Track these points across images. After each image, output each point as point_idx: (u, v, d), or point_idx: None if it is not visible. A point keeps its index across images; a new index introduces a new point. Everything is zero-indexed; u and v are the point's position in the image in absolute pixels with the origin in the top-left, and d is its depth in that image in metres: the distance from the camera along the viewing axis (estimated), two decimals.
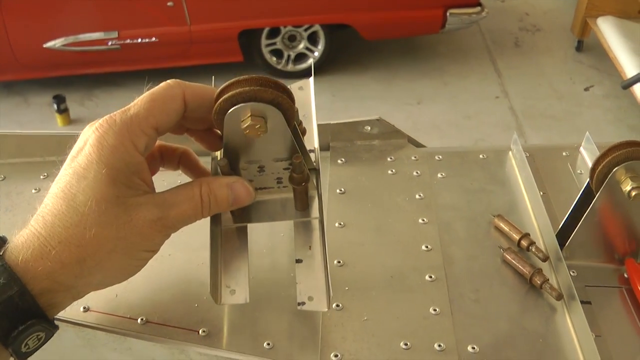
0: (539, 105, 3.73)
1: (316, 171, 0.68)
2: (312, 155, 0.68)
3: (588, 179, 0.74)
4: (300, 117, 0.70)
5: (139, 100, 0.59)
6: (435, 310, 0.69)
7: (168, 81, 0.61)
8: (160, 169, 0.69)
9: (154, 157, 0.67)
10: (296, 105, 0.67)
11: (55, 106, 3.66)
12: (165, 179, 0.71)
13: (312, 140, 0.70)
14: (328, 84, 3.95)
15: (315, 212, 0.67)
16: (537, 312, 0.70)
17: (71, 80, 3.97)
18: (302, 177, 0.65)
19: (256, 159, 0.64)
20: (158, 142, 0.66)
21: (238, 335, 0.66)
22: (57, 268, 0.54)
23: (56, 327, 0.56)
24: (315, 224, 0.67)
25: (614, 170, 0.70)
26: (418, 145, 0.94)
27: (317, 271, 0.65)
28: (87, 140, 0.58)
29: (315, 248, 0.67)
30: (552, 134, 3.47)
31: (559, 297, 0.70)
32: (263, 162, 0.64)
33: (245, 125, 0.59)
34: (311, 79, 0.75)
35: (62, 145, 0.90)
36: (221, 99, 0.59)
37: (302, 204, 0.67)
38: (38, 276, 0.54)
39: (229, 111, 0.59)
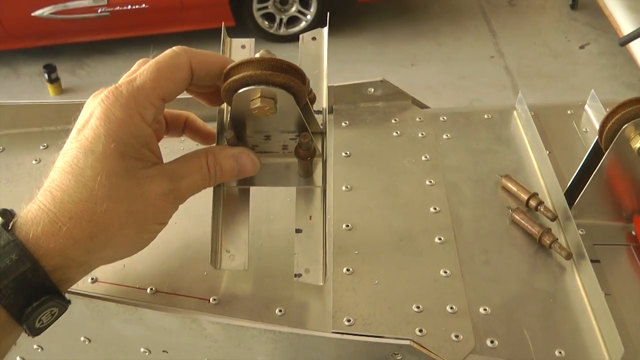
0: (535, 65, 3.71)
1: (323, 134, 0.67)
2: (319, 117, 0.67)
3: (597, 137, 0.74)
4: (310, 73, 0.68)
5: (145, 70, 0.57)
6: (445, 272, 0.69)
7: (174, 48, 0.59)
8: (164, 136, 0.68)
9: (159, 124, 0.66)
10: (308, 57, 0.67)
11: (46, 76, 3.63)
12: (168, 146, 0.70)
13: (321, 101, 0.68)
14: None
15: (319, 179, 0.67)
16: (546, 272, 0.70)
17: (61, 49, 3.93)
18: (307, 152, 0.64)
19: (263, 130, 0.63)
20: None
21: (249, 303, 0.66)
22: (68, 244, 0.53)
23: (69, 302, 0.56)
24: (318, 192, 0.67)
25: (624, 127, 0.69)
26: (422, 106, 0.93)
27: (316, 243, 0.65)
28: (93, 112, 0.56)
29: (316, 218, 0.66)
30: (548, 92, 3.46)
31: (569, 256, 0.70)
32: (270, 132, 0.64)
33: (255, 106, 0.58)
34: (325, 29, 0.72)
35: (61, 115, 0.91)
36: (231, 79, 0.58)
37: (306, 171, 0.66)
38: (50, 253, 0.53)
39: (238, 92, 0.58)
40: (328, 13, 0.73)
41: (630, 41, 2.35)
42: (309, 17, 3.94)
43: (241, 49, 0.70)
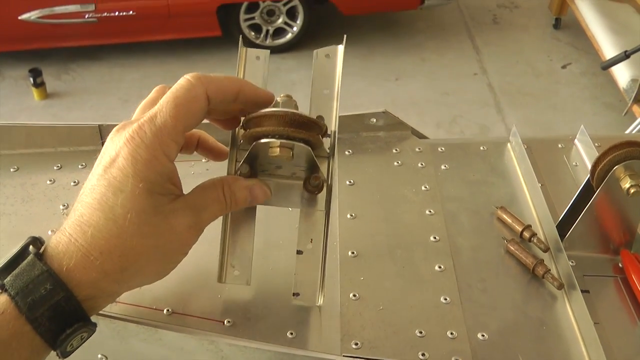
0: (517, 83, 3.78)
1: (329, 158, 0.69)
2: (327, 140, 0.69)
3: (588, 175, 0.78)
4: (321, 93, 0.70)
5: (164, 107, 0.59)
6: (445, 299, 0.73)
7: (189, 78, 0.61)
8: None
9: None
10: (320, 76, 0.69)
11: (31, 80, 3.63)
12: (179, 170, 0.72)
13: (331, 123, 0.70)
14: (307, 59, 3.94)
15: (322, 203, 0.69)
16: (539, 301, 0.75)
17: (47, 53, 3.94)
18: (316, 189, 0.67)
19: (276, 162, 0.66)
20: None
21: (262, 326, 0.70)
22: (100, 277, 0.56)
23: (96, 325, 0.59)
24: (321, 216, 0.69)
25: (614, 168, 0.74)
26: (421, 136, 0.97)
27: (315, 265, 0.68)
28: (120, 153, 0.58)
29: (317, 241, 0.69)
30: (530, 111, 3.53)
31: (560, 286, 0.75)
32: (282, 164, 0.66)
33: (274, 155, 0.61)
34: (340, 47, 0.72)
35: (73, 136, 0.94)
36: (253, 130, 0.62)
37: (311, 198, 0.69)
38: (82, 284, 0.56)
39: (260, 141, 0.61)
40: (345, 36, 0.72)
41: (611, 65, 2.43)
42: (295, 28, 3.99)
43: (256, 60, 0.71)
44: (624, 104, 3.15)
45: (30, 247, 0.57)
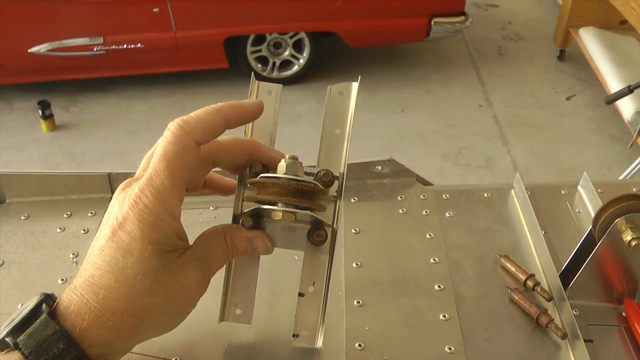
0: (522, 114, 3.80)
1: (336, 200, 0.69)
2: (335, 183, 0.68)
3: (590, 227, 0.80)
4: (332, 132, 0.70)
5: (157, 166, 0.59)
6: (450, 349, 0.74)
7: (172, 130, 0.60)
8: None
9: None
10: (332, 114, 0.70)
11: (40, 112, 3.66)
12: (187, 218, 0.72)
13: (340, 165, 0.70)
14: (313, 91, 4.00)
15: (326, 247, 0.69)
16: (543, 351, 0.76)
17: (56, 86, 3.98)
18: (319, 241, 0.68)
19: None
20: None
21: None
22: (113, 337, 0.58)
23: None
24: (325, 260, 0.69)
25: (616, 221, 0.75)
26: (425, 183, 0.98)
27: (316, 308, 0.69)
28: (127, 217, 0.58)
29: (319, 285, 0.69)
30: (535, 142, 3.55)
31: (564, 336, 0.75)
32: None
33: (277, 218, 0.64)
34: (355, 84, 0.71)
35: (82, 184, 0.95)
36: (256, 196, 0.65)
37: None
38: (94, 344, 0.57)
39: (263, 206, 0.63)
40: (359, 77, 0.72)
41: (615, 100, 2.45)
42: (301, 61, 4.02)
43: (267, 95, 0.71)
44: (630, 136, 3.16)
45: (43, 305, 0.58)
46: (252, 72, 0.74)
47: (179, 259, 0.61)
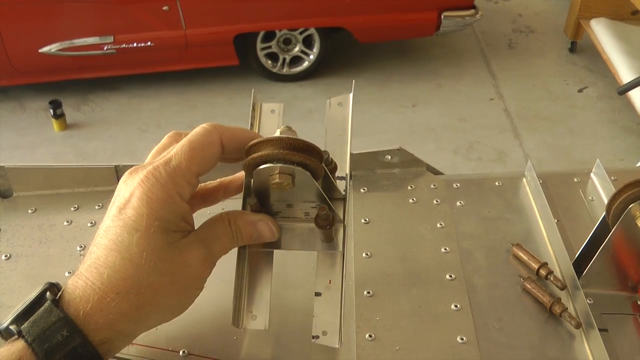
0: (534, 107, 3.78)
1: (344, 201, 0.70)
2: (341, 183, 0.70)
3: (604, 213, 0.78)
4: (335, 138, 0.72)
5: (179, 150, 0.61)
6: (462, 339, 0.73)
7: (205, 126, 0.63)
8: None
9: (195, 199, 0.70)
10: (333, 123, 0.70)
11: (51, 111, 3.67)
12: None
13: (344, 167, 0.71)
14: (324, 87, 3.99)
15: (339, 244, 0.70)
16: (557, 340, 0.74)
17: (67, 85, 3.99)
18: (326, 222, 0.67)
19: (285, 200, 0.67)
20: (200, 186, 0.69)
21: None
22: (117, 318, 0.57)
23: None
24: (339, 257, 0.70)
25: (630, 206, 0.73)
26: (436, 172, 0.97)
27: (334, 307, 0.68)
28: (134, 193, 0.59)
29: (335, 282, 0.69)
30: (547, 135, 3.52)
31: (578, 325, 0.74)
32: (291, 201, 0.67)
33: (274, 182, 0.62)
34: (350, 95, 0.75)
35: (90, 177, 0.95)
36: (251, 157, 0.62)
37: (327, 237, 0.70)
38: (99, 328, 0.56)
39: (258, 168, 0.62)
40: (354, 81, 0.76)
41: (628, 90, 2.42)
42: (311, 57, 4.01)
43: (270, 114, 0.74)
44: None
45: (48, 293, 0.58)
46: (253, 90, 0.74)
47: (184, 238, 0.61)
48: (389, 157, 0.96)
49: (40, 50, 3.66)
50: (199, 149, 0.62)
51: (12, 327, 0.56)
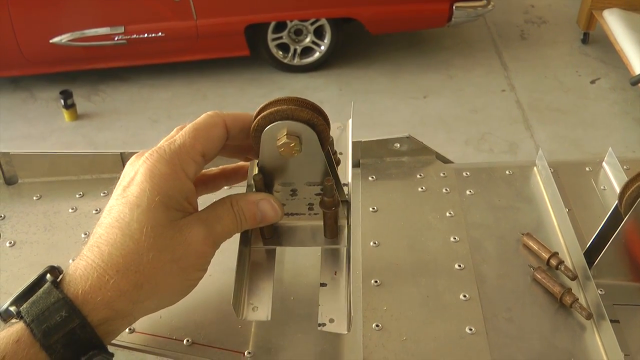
0: (546, 99, 3.74)
1: (347, 203, 0.71)
2: (344, 188, 0.71)
3: (616, 202, 0.76)
4: (339, 154, 0.74)
5: (184, 131, 0.62)
6: (470, 329, 0.72)
7: (208, 112, 0.64)
8: None
9: (196, 185, 0.70)
10: (334, 141, 0.71)
11: (62, 101, 3.68)
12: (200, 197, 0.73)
13: (347, 175, 0.72)
14: (335, 78, 3.97)
15: (344, 240, 0.70)
16: (567, 331, 0.73)
17: (77, 75, 4.00)
18: (332, 201, 0.67)
19: (289, 181, 0.67)
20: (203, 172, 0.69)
21: (282, 357, 0.69)
22: (115, 296, 0.57)
23: (112, 355, 0.59)
24: (343, 252, 0.70)
25: None
26: (445, 161, 0.96)
27: (340, 295, 0.68)
28: (138, 170, 0.60)
29: (340, 274, 0.69)
30: (559, 127, 3.49)
31: (589, 316, 0.73)
32: (296, 185, 0.67)
33: (281, 143, 0.61)
34: (349, 121, 0.77)
35: (95, 164, 0.94)
36: (259, 117, 0.62)
37: (332, 232, 0.70)
38: (97, 307, 0.56)
39: (266, 128, 0.62)
40: (353, 102, 0.79)
41: None
42: (322, 47, 3.99)
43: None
44: None
45: (48, 275, 0.58)
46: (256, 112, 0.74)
47: (185, 218, 0.61)
48: (398, 145, 0.95)
49: (51, 41, 3.67)
50: (203, 129, 0.63)
51: (11, 309, 0.56)
